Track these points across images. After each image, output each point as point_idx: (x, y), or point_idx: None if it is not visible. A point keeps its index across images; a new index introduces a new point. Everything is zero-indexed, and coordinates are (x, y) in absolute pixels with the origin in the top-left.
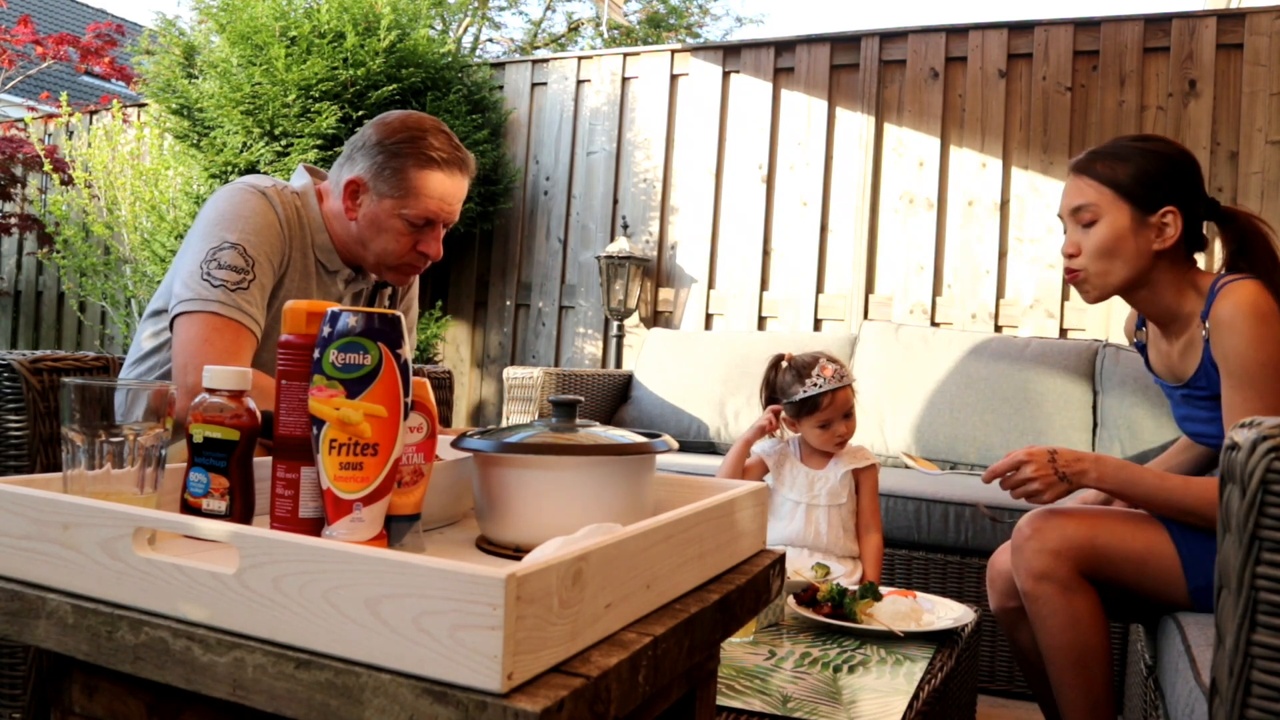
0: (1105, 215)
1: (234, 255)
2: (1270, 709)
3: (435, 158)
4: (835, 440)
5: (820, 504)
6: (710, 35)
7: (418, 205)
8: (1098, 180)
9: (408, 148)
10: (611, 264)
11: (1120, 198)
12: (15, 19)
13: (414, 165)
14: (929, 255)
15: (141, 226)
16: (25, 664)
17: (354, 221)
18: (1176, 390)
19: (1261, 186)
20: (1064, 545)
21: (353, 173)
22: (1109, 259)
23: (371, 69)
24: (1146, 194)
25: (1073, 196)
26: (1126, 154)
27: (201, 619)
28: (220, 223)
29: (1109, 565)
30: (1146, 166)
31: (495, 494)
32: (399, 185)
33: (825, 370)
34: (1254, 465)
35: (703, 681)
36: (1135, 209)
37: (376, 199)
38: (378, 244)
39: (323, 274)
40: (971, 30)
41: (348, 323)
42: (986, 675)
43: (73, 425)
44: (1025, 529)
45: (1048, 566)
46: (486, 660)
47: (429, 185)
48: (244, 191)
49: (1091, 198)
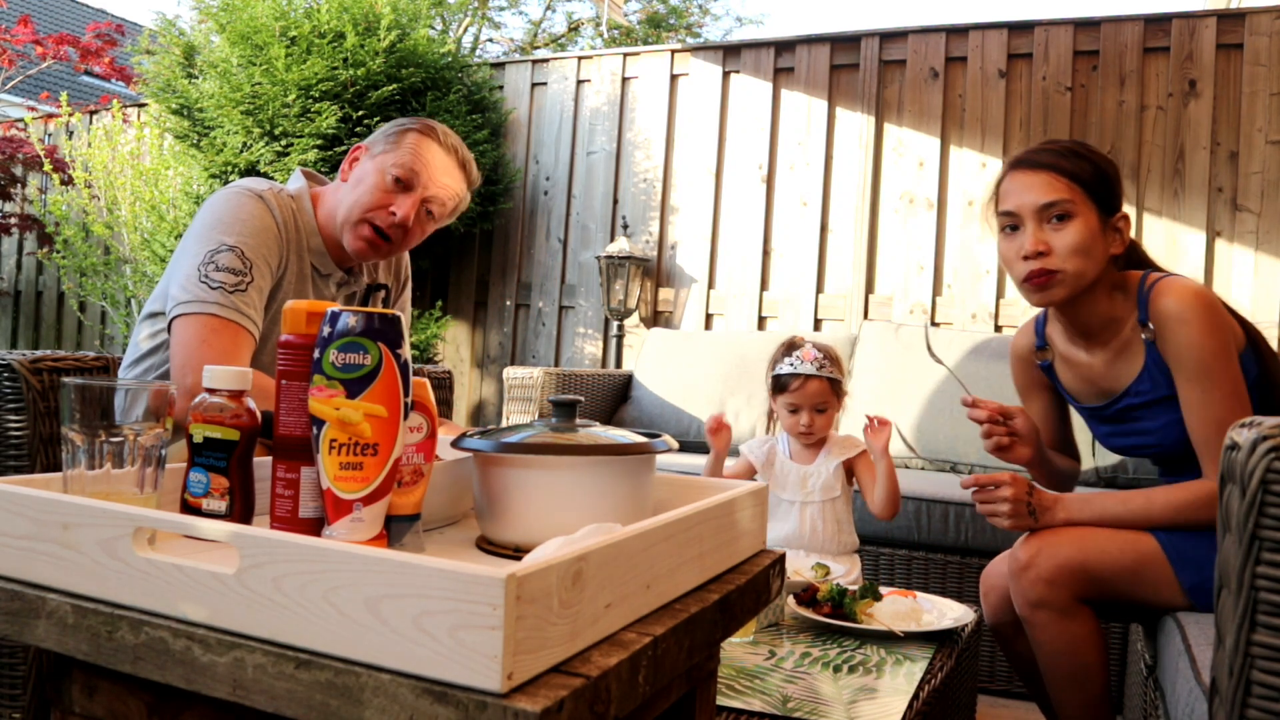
0: (1078, 214)
1: (231, 257)
2: (1270, 709)
3: (438, 137)
4: (799, 429)
5: (815, 500)
6: (710, 35)
7: (405, 159)
8: (1068, 177)
9: (414, 124)
10: (611, 264)
11: (1089, 197)
12: (15, 19)
13: (415, 133)
14: (929, 255)
15: (141, 226)
16: (25, 664)
17: (345, 184)
18: (1103, 409)
19: (1261, 186)
20: (1058, 573)
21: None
22: (1084, 258)
23: (371, 69)
24: (1107, 197)
25: (1042, 192)
26: (1081, 151)
27: (201, 619)
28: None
29: (1104, 584)
30: (1104, 169)
31: (495, 494)
32: (395, 144)
33: (806, 355)
34: (1254, 465)
35: (703, 681)
36: (1100, 212)
37: (371, 159)
38: (352, 196)
39: (316, 277)
40: (971, 30)
41: (348, 323)
42: (986, 675)
43: (73, 425)
44: (1021, 558)
45: (1044, 595)
46: (486, 660)
47: (422, 150)
48: (241, 194)
49: (1065, 194)
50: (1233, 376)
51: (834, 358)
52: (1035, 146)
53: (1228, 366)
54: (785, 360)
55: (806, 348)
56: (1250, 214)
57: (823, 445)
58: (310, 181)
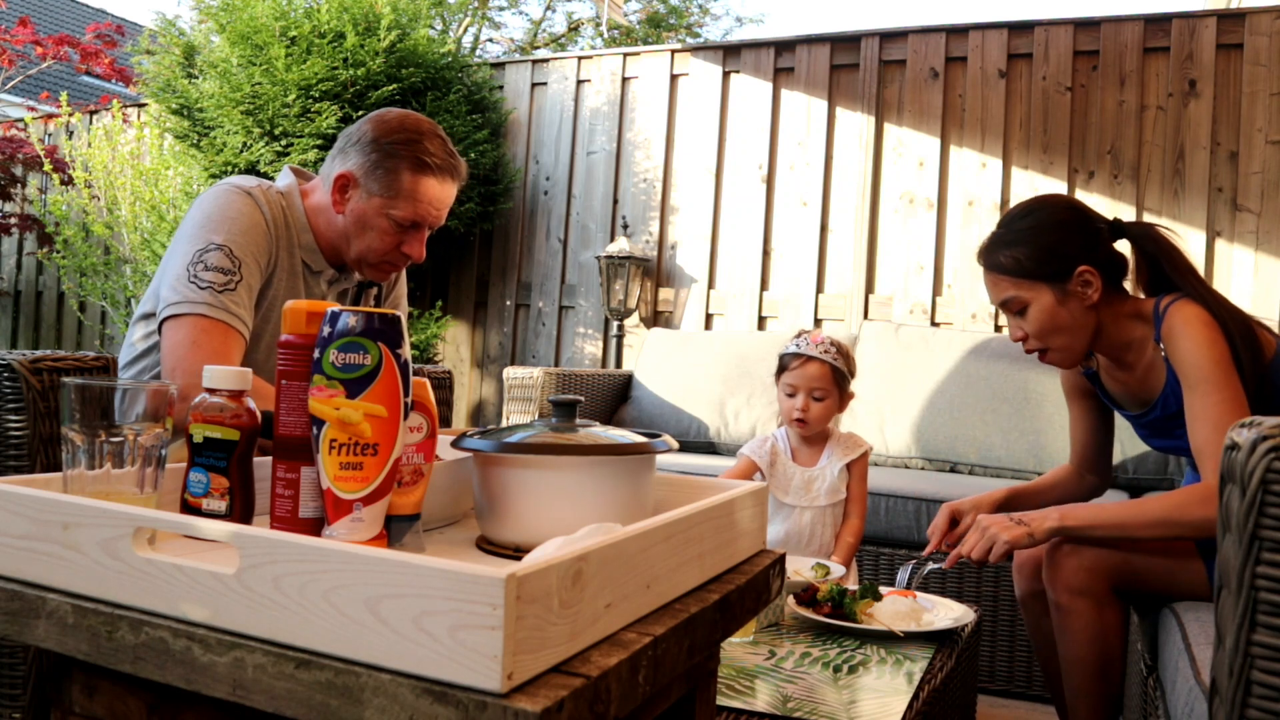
0: (1031, 302)
1: (220, 256)
2: (1270, 709)
3: (430, 163)
4: (795, 412)
5: (819, 504)
6: (710, 35)
7: (407, 208)
8: (1006, 274)
9: (404, 149)
10: (611, 264)
11: (1035, 280)
12: (15, 19)
13: (408, 168)
14: (929, 255)
15: (141, 226)
16: (25, 664)
17: (341, 215)
18: (1141, 416)
19: (1261, 186)
20: (1100, 562)
21: (345, 166)
22: (1056, 332)
23: (371, 69)
24: (1054, 267)
25: (995, 293)
26: (1018, 238)
27: (201, 619)
28: (206, 224)
29: (1138, 579)
30: (1041, 243)
31: (495, 494)
32: (390, 186)
33: (814, 338)
34: (1254, 465)
35: (703, 681)
36: (1052, 285)
37: (366, 196)
38: (362, 241)
39: (308, 274)
40: (971, 30)
41: (348, 323)
42: (986, 675)
43: (73, 425)
44: (1065, 544)
45: (1085, 583)
46: (486, 660)
47: (420, 189)
48: (229, 193)
49: (1009, 291)
50: (1231, 385)
51: (844, 350)
52: (992, 232)
53: (1225, 376)
54: (792, 342)
55: (815, 332)
56: (1250, 214)
57: (824, 444)
58: (298, 178)
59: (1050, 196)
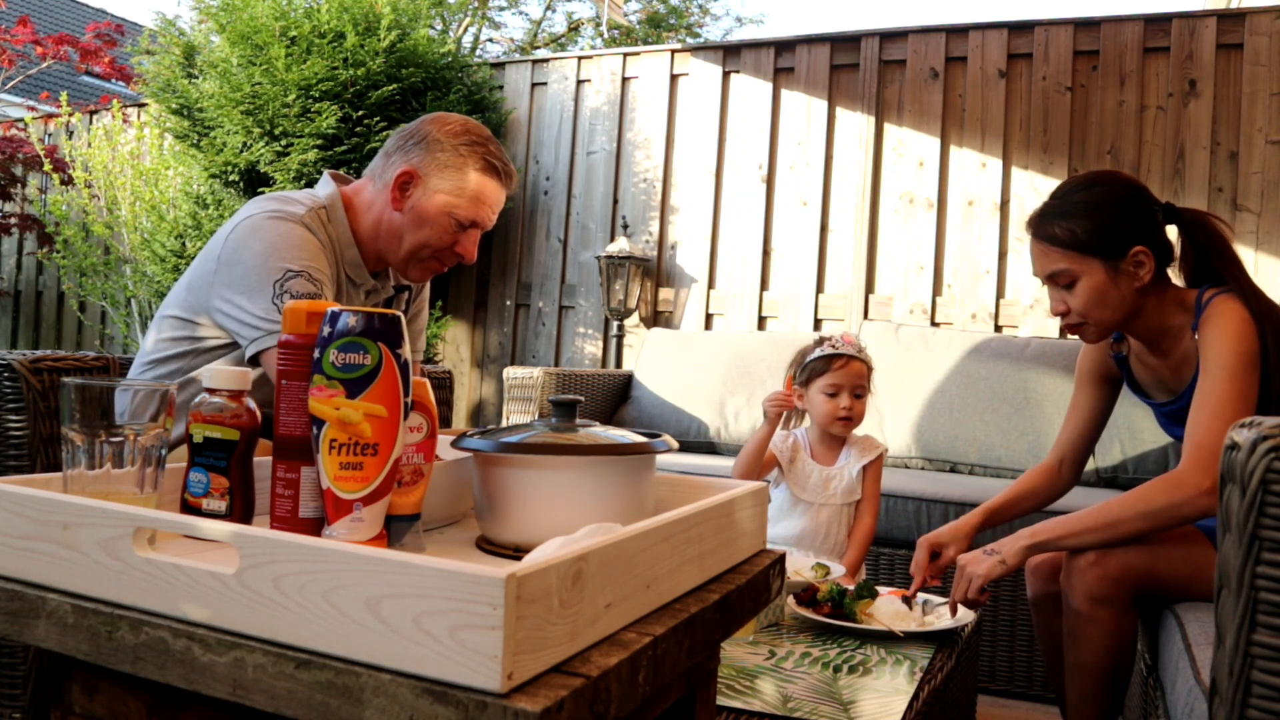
0: (1081, 276)
1: (302, 281)
2: (1270, 709)
3: (495, 165)
4: (840, 412)
5: (835, 503)
6: (710, 35)
7: (471, 208)
8: (1059, 245)
9: (470, 150)
10: (611, 264)
11: (1088, 255)
12: (15, 19)
13: (475, 168)
14: (929, 255)
15: (141, 226)
16: (25, 664)
17: (399, 213)
18: (1166, 404)
19: (1261, 186)
20: (1125, 572)
21: (407, 164)
22: (1100, 308)
23: (371, 69)
24: (1111, 244)
25: (1043, 264)
26: (1075, 210)
27: (201, 619)
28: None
29: (1158, 587)
30: (1100, 218)
31: (495, 494)
32: (458, 184)
33: (846, 338)
34: (1254, 465)
35: (703, 681)
36: (1106, 261)
37: (430, 193)
38: (418, 235)
39: (350, 287)
40: (971, 30)
41: (347, 322)
42: (986, 675)
43: (73, 425)
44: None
45: (1108, 592)
46: (486, 660)
47: (486, 190)
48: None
49: (1060, 264)
50: (1245, 381)
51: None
52: (1045, 203)
53: (1243, 370)
54: (820, 347)
55: (845, 332)
56: (1250, 214)
57: (843, 444)
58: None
59: (1110, 172)
